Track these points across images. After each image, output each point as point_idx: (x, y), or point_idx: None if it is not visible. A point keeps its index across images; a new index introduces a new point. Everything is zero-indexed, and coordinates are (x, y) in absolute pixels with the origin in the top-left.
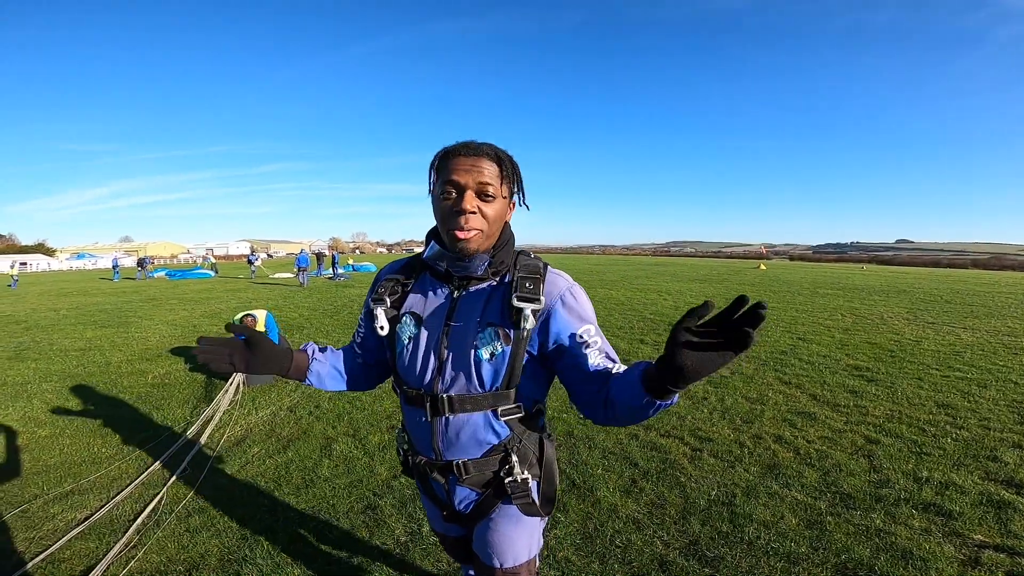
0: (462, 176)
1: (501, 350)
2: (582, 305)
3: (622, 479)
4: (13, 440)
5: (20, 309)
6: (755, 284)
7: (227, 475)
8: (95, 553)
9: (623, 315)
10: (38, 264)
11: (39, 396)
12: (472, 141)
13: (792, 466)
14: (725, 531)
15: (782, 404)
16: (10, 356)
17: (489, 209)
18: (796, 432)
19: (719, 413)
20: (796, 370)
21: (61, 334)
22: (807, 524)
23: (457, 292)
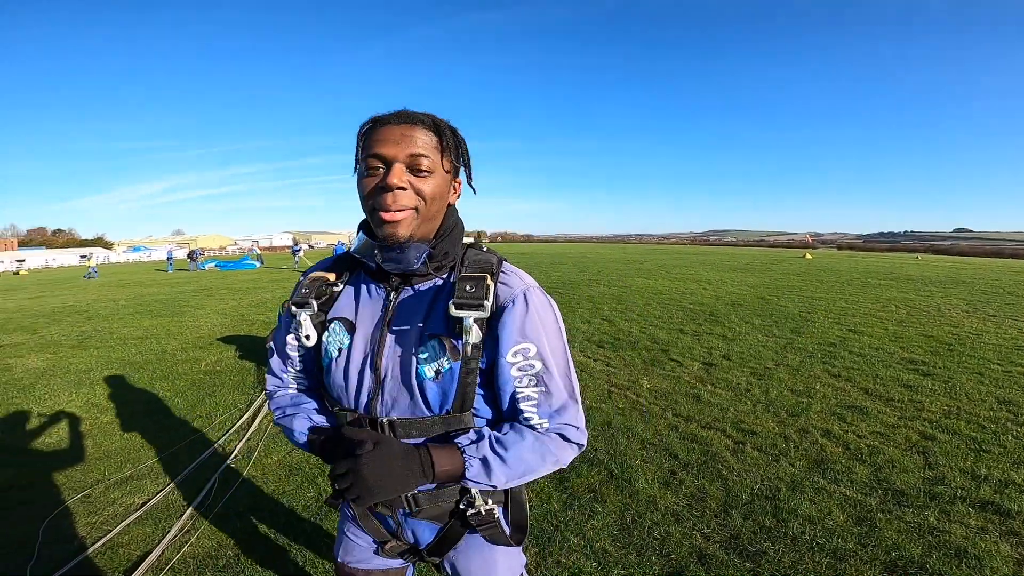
0: (390, 147)
1: (448, 367)
2: (532, 317)
3: (661, 471)
4: (77, 426)
5: (83, 299)
6: (800, 274)
7: (275, 460)
8: (151, 538)
9: (662, 305)
10: (98, 257)
11: (101, 383)
12: (405, 109)
13: (841, 461)
14: (768, 525)
15: (831, 397)
16: (74, 344)
17: (424, 185)
18: (846, 427)
19: (763, 406)
20: (846, 363)
21: (120, 323)
22: (856, 520)
23: (395, 293)
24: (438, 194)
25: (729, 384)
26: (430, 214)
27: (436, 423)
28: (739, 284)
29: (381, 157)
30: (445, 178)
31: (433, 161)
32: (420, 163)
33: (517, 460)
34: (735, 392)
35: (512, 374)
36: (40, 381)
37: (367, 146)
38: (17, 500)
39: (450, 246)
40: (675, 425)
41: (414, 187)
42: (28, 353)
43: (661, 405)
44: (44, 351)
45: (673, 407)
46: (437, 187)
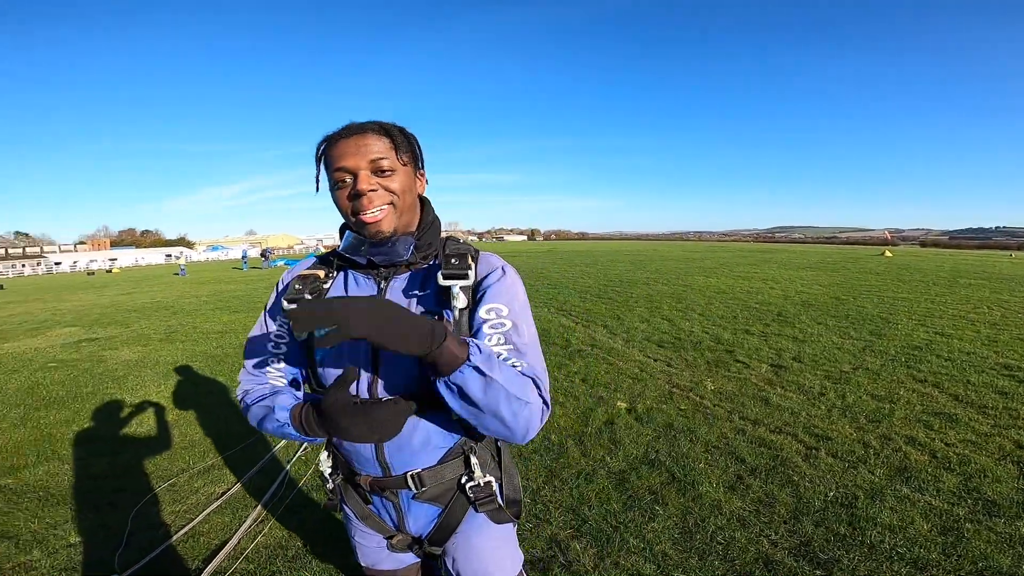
0: (349, 159)
1: None
2: (507, 285)
3: (727, 475)
4: (164, 416)
5: (169, 296)
6: (879, 273)
7: None
8: (229, 527)
9: (725, 304)
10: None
11: (186, 375)
12: (353, 122)
13: (927, 470)
14: (843, 533)
15: (916, 404)
16: (162, 338)
17: (392, 183)
18: (933, 434)
19: (839, 411)
20: (933, 367)
21: (203, 318)
22: (940, 530)
23: (384, 282)
24: (407, 187)
25: (801, 387)
26: (405, 206)
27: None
28: (810, 283)
29: (346, 169)
30: (407, 172)
31: (392, 161)
32: (381, 165)
33: (509, 374)
34: (808, 396)
35: (484, 331)
36: (132, 372)
37: (329, 162)
38: (111, 488)
39: (432, 237)
40: (742, 428)
41: (382, 187)
42: (121, 346)
43: (726, 408)
44: (135, 344)
45: (739, 410)
46: (403, 182)
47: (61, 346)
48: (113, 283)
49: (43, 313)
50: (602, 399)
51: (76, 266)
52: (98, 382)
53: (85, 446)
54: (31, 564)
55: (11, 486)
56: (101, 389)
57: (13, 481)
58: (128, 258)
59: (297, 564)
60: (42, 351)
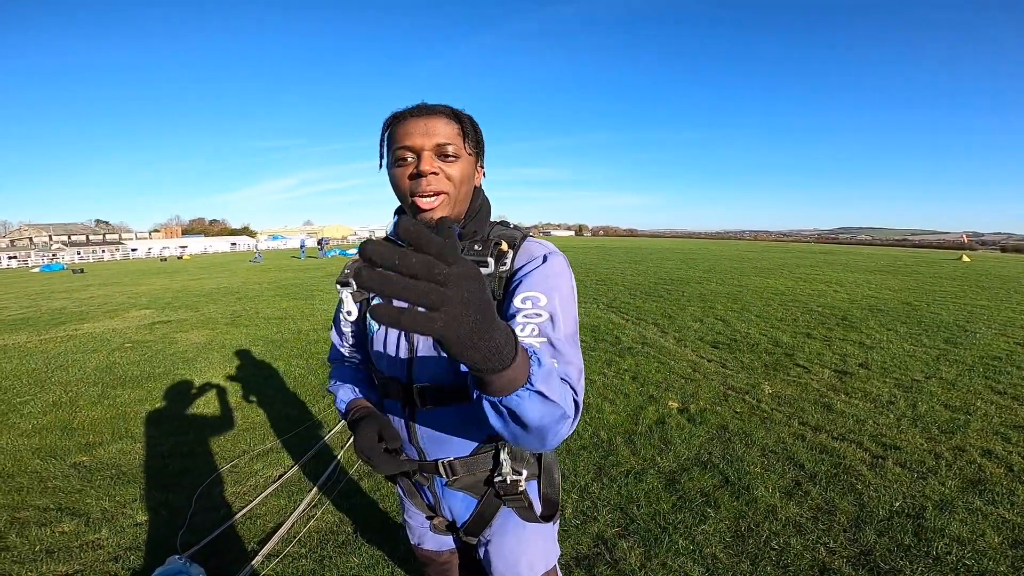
0: (416, 139)
1: None
2: (547, 273)
3: (784, 480)
4: (227, 398)
5: (234, 282)
6: (956, 278)
7: None
8: (285, 509)
9: (784, 306)
10: (244, 244)
11: (249, 358)
12: (423, 102)
13: (1002, 483)
14: (907, 544)
15: (994, 416)
16: (228, 323)
17: (452, 169)
18: (1011, 447)
19: (909, 420)
20: (1014, 379)
21: (264, 304)
22: (1012, 543)
23: None
24: (466, 177)
25: (867, 395)
26: (460, 196)
27: (464, 390)
28: (878, 287)
29: (410, 148)
30: (469, 161)
31: (457, 147)
32: (446, 150)
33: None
34: (875, 404)
35: (517, 320)
36: (201, 355)
37: (394, 139)
38: (179, 468)
39: (479, 225)
40: (801, 434)
41: (444, 172)
42: (191, 329)
43: (785, 412)
44: (204, 327)
45: (799, 415)
46: (464, 170)
47: (136, 328)
48: (183, 269)
49: (120, 296)
50: (653, 398)
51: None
52: (169, 363)
53: (156, 425)
54: (99, 543)
55: (86, 463)
56: (172, 370)
57: (88, 459)
58: (197, 246)
59: (347, 550)
60: (119, 332)
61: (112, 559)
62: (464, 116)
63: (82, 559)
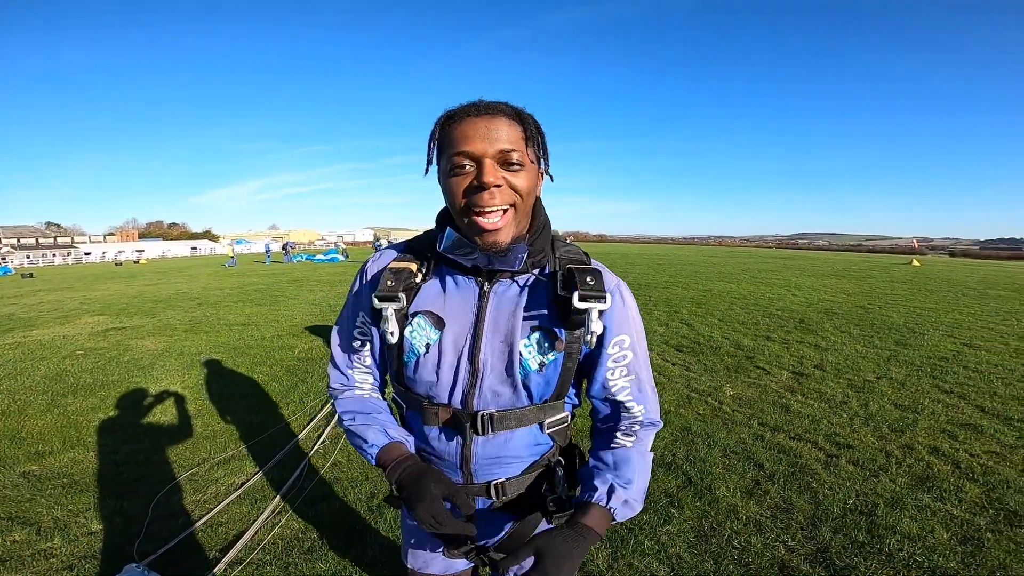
0: (477, 143)
1: (552, 358)
2: (627, 311)
3: (744, 480)
4: (186, 405)
5: (194, 287)
6: (907, 282)
7: None
8: (247, 517)
9: (745, 310)
10: (205, 249)
11: (209, 366)
12: (481, 100)
13: (950, 480)
14: (861, 541)
15: (941, 414)
16: (187, 329)
17: (518, 180)
18: (957, 444)
19: (861, 419)
20: (960, 378)
21: (226, 310)
22: (961, 539)
23: (488, 285)
24: (531, 188)
25: (822, 395)
26: (526, 209)
27: (534, 412)
28: (834, 291)
29: (469, 155)
30: (533, 170)
31: (522, 154)
32: (511, 157)
33: (639, 477)
34: (829, 404)
35: (608, 365)
36: (157, 362)
37: (449, 143)
38: (134, 476)
39: (544, 243)
40: (760, 435)
41: (508, 183)
42: (147, 335)
43: (745, 413)
44: (161, 334)
45: (759, 416)
46: (529, 181)
47: (89, 334)
48: (140, 274)
49: (72, 302)
50: None
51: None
52: (124, 370)
53: (109, 434)
54: (51, 551)
55: (36, 472)
56: (127, 377)
57: (38, 467)
58: (155, 250)
59: (312, 556)
60: (70, 339)
61: (66, 568)
62: (528, 117)
63: (35, 567)
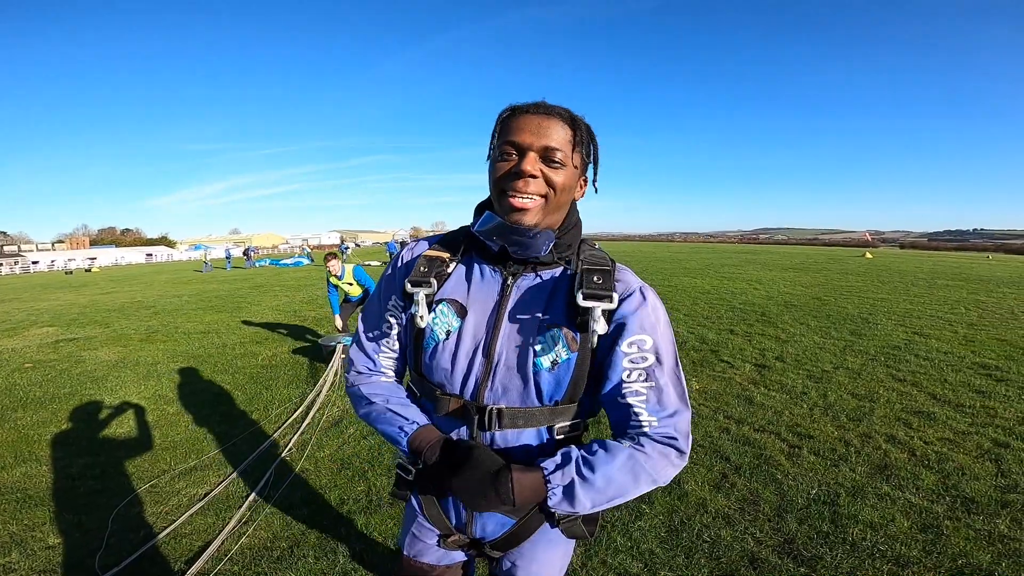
0: (526, 136)
1: (565, 358)
2: (649, 312)
3: (711, 473)
4: (145, 417)
5: (149, 295)
6: (860, 274)
7: (327, 454)
8: (212, 528)
9: (709, 304)
10: (161, 255)
11: (167, 375)
12: (544, 101)
13: (906, 467)
14: (825, 531)
15: (895, 402)
16: (142, 338)
17: (556, 176)
18: (912, 432)
19: (821, 409)
20: (912, 367)
21: (184, 318)
22: (921, 527)
23: (512, 278)
24: (567, 186)
25: (784, 387)
26: (558, 204)
27: (543, 413)
28: (792, 284)
29: (516, 144)
30: (574, 173)
31: (565, 155)
32: (553, 155)
33: (606, 482)
34: (790, 395)
35: (624, 365)
36: (112, 373)
37: (503, 132)
38: (91, 489)
39: (573, 239)
40: (726, 428)
41: (545, 176)
42: (100, 346)
43: (711, 407)
44: (115, 344)
45: (724, 409)
46: (567, 179)
47: (38, 346)
48: (92, 282)
49: (19, 313)
50: None
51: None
52: (76, 383)
53: (64, 448)
54: (10, 566)
55: None
56: (80, 390)
57: None
58: (108, 257)
59: (283, 565)
60: (19, 352)
61: None
62: (581, 124)
63: None
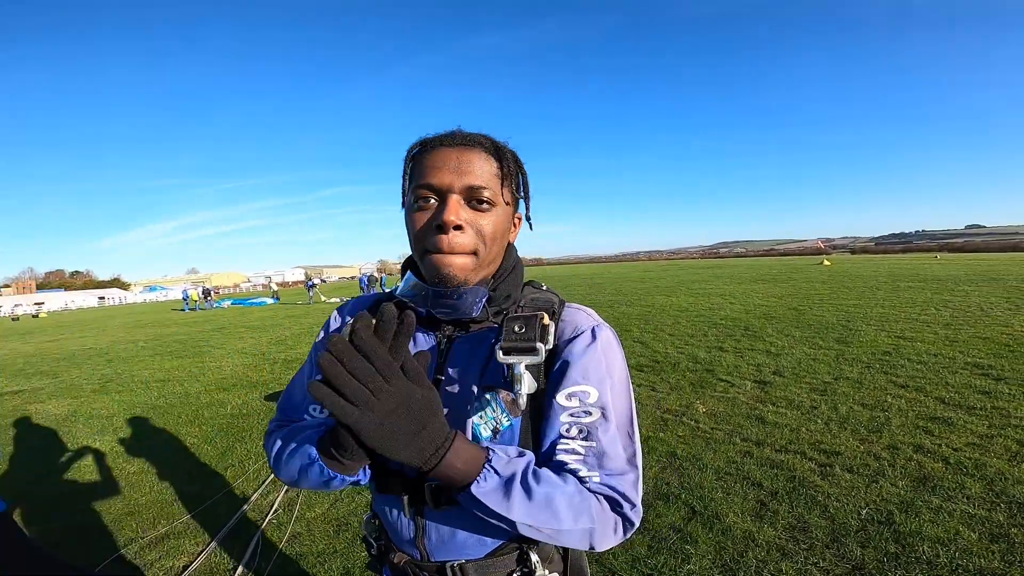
0: (444, 175)
1: (507, 424)
2: (597, 357)
3: (748, 501)
4: (102, 478)
5: (102, 341)
6: (825, 281)
7: (319, 514)
8: None
9: (691, 322)
10: (114, 298)
11: (125, 430)
12: (459, 130)
13: (948, 477)
14: (893, 552)
15: (908, 410)
16: (95, 389)
17: (485, 221)
18: (936, 440)
19: (836, 423)
20: (909, 371)
21: (141, 365)
22: (990, 538)
23: (447, 342)
24: (499, 232)
25: (791, 402)
26: (490, 257)
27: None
28: (765, 296)
29: (433, 188)
30: (506, 211)
31: (493, 192)
32: (480, 194)
33: (545, 501)
34: (800, 410)
35: (561, 420)
36: (61, 428)
37: (416, 173)
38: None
39: (511, 288)
40: (747, 451)
41: (473, 224)
42: (48, 399)
43: (724, 430)
44: (65, 396)
45: (738, 431)
46: (498, 224)
47: None
48: (40, 329)
49: None
50: None
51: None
52: (21, 440)
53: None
54: None
55: None
56: (26, 448)
57: None
58: (57, 301)
59: None
60: None
61: None
62: (507, 152)
63: None
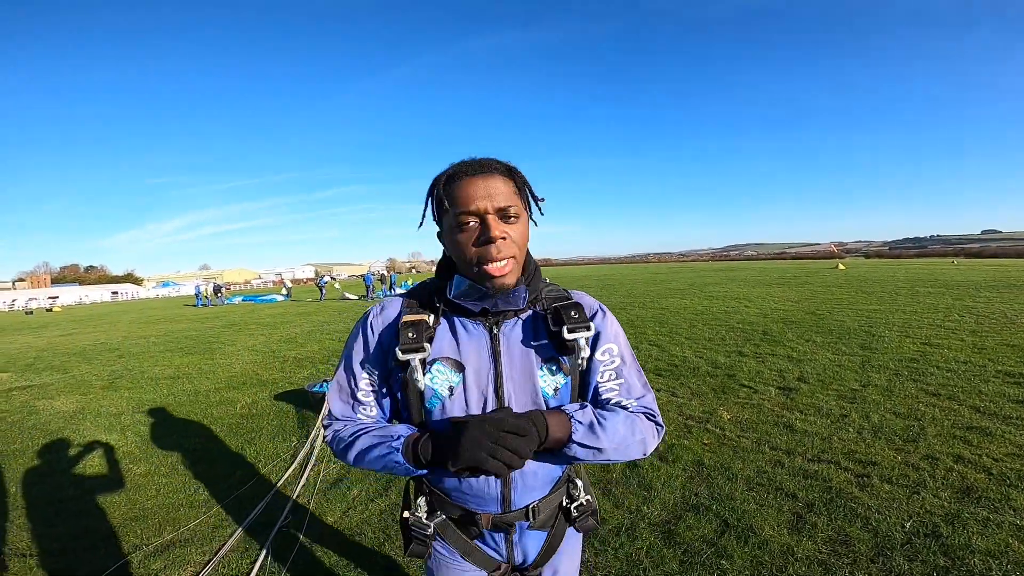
0: (480, 201)
1: (563, 383)
2: (610, 323)
3: (783, 514)
4: (107, 478)
5: (114, 336)
6: (841, 285)
7: (333, 521)
8: None
9: (708, 326)
10: (127, 293)
11: (133, 428)
12: (474, 159)
13: (992, 488)
14: (943, 565)
15: (942, 419)
16: (104, 385)
17: (515, 232)
18: (976, 450)
19: (870, 432)
20: (940, 379)
21: (151, 362)
22: None
23: (496, 327)
24: (526, 237)
25: (819, 410)
26: (523, 258)
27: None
28: (781, 299)
29: (472, 212)
30: (526, 220)
31: (517, 208)
32: (508, 212)
33: (614, 429)
34: (830, 419)
35: (600, 370)
36: (69, 426)
37: (453, 202)
38: (47, 569)
39: (537, 283)
40: (778, 460)
41: (508, 235)
42: (57, 395)
43: (752, 438)
44: (74, 392)
45: (767, 440)
46: (524, 231)
47: None
48: (53, 323)
49: None
50: None
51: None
52: (28, 437)
53: (9, 516)
54: None
55: None
56: (30, 446)
57: None
58: (71, 296)
59: None
60: None
61: None
62: (517, 173)
63: None
